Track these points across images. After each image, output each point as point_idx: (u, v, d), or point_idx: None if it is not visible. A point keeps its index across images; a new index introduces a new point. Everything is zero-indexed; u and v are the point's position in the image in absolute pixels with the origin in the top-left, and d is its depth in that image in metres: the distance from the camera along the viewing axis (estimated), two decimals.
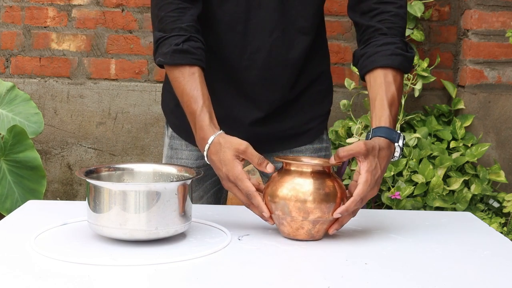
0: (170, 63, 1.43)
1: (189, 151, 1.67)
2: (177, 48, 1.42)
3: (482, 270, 1.15)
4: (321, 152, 1.69)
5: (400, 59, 1.44)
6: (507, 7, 3.07)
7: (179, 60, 1.42)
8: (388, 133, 1.35)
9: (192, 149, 1.67)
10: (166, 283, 1.06)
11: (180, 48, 1.42)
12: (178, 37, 1.43)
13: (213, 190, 1.72)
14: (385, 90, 1.41)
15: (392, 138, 1.35)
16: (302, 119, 1.66)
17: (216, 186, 1.72)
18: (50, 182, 3.26)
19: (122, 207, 1.20)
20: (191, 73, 1.42)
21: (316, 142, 1.69)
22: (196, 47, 1.44)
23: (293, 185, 1.26)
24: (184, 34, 1.44)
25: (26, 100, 2.87)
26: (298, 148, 1.67)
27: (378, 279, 1.09)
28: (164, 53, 1.44)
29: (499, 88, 3.12)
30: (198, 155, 1.67)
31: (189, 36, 1.44)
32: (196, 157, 1.67)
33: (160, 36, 1.46)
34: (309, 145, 1.68)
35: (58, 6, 3.22)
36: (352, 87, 3.03)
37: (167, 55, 1.43)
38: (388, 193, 2.89)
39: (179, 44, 1.42)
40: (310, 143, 1.68)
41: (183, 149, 1.68)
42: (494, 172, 2.98)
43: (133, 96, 3.24)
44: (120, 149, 3.27)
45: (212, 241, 1.26)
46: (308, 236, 1.28)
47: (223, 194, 1.77)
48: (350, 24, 3.22)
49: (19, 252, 1.18)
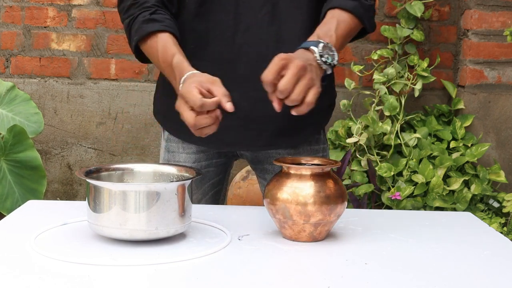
0: (143, 34, 1.46)
1: (186, 154, 1.66)
2: (145, 19, 1.46)
3: (482, 270, 1.15)
4: (318, 153, 1.68)
5: (353, 3, 1.45)
6: (507, 7, 3.07)
7: (149, 28, 1.46)
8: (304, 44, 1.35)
9: (189, 151, 1.66)
10: (166, 283, 1.06)
11: (148, 18, 1.46)
12: (144, 13, 1.48)
13: (211, 192, 1.71)
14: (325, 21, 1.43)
15: (306, 45, 1.35)
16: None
17: (215, 188, 1.71)
18: (50, 182, 3.26)
19: (122, 207, 1.20)
20: (163, 38, 1.44)
21: (313, 143, 1.68)
22: (163, 18, 1.47)
23: (293, 188, 1.26)
24: (149, 9, 1.48)
25: (26, 100, 2.87)
26: (294, 150, 1.65)
27: (378, 279, 1.09)
28: (136, 30, 1.48)
29: (499, 88, 3.12)
30: (196, 157, 1.66)
31: (155, 10, 1.48)
32: (193, 159, 1.66)
33: (128, 21, 1.50)
34: (307, 146, 1.66)
35: (58, 6, 3.22)
36: (352, 87, 3.03)
37: (138, 30, 1.47)
38: (388, 193, 2.89)
39: (145, 16, 1.47)
40: (308, 142, 1.66)
41: (180, 151, 1.67)
42: (494, 172, 2.98)
43: (133, 96, 3.24)
44: (120, 149, 3.27)
45: (212, 241, 1.26)
46: (310, 239, 1.28)
47: (221, 196, 1.76)
48: None
49: (19, 252, 1.17)
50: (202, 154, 1.66)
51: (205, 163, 1.66)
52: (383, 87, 3.01)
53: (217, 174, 1.70)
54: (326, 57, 1.34)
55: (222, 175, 1.72)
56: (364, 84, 3.25)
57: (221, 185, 1.74)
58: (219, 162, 1.69)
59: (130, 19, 1.50)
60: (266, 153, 1.65)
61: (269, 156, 1.65)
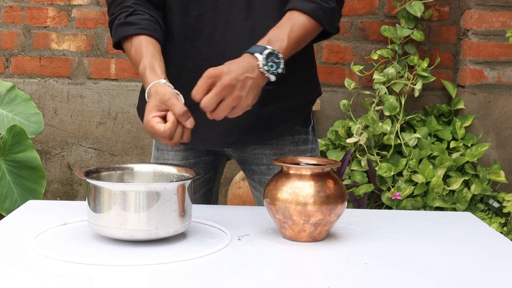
0: (118, 37, 1.48)
1: (175, 152, 1.66)
2: (120, 22, 1.48)
3: (482, 270, 1.15)
4: (306, 154, 1.65)
5: (312, 6, 1.43)
6: (507, 7, 3.07)
7: (123, 33, 1.47)
8: (250, 49, 1.35)
9: (177, 149, 1.66)
10: (166, 283, 1.06)
11: (123, 22, 1.47)
12: (121, 15, 1.49)
13: (202, 190, 1.71)
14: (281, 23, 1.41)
15: (251, 51, 1.34)
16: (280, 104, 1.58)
17: (205, 187, 1.71)
18: (50, 182, 3.26)
19: (122, 207, 1.20)
20: (136, 42, 1.45)
21: (300, 143, 1.65)
22: (141, 19, 1.48)
23: (293, 188, 1.26)
24: (127, 10, 1.49)
25: (26, 100, 2.87)
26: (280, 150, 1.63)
27: (378, 279, 1.09)
28: (113, 33, 1.50)
29: (499, 88, 3.12)
30: (184, 155, 1.66)
31: (132, 11, 1.49)
32: (181, 157, 1.66)
33: (109, 20, 1.53)
34: (293, 147, 1.64)
35: (58, 6, 3.22)
36: (352, 87, 3.03)
37: (114, 34, 1.49)
38: (388, 194, 2.89)
39: (121, 19, 1.48)
40: (295, 143, 1.64)
41: (168, 149, 1.67)
42: (494, 172, 2.98)
43: (133, 96, 3.24)
44: (120, 149, 3.27)
45: (212, 241, 1.26)
46: (310, 239, 1.28)
47: (212, 194, 1.76)
48: (350, 24, 3.23)
49: (19, 252, 1.17)
50: (190, 152, 1.66)
51: (194, 161, 1.67)
52: (383, 87, 3.01)
53: (207, 172, 1.70)
54: (270, 65, 1.35)
55: (212, 173, 1.72)
56: (364, 84, 3.25)
57: (212, 183, 1.74)
58: (207, 160, 1.69)
59: (111, 18, 1.53)
60: (252, 154, 1.64)
61: (255, 157, 1.64)
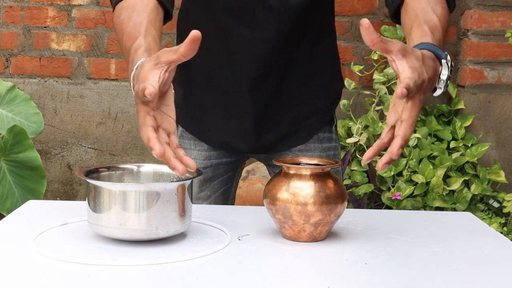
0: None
1: (198, 151, 1.67)
2: None
3: (482, 270, 1.15)
4: (329, 152, 1.67)
5: None
6: (507, 7, 3.07)
7: None
8: (432, 48, 1.11)
9: (201, 149, 1.66)
10: (166, 283, 1.06)
11: None
12: None
13: (221, 190, 1.71)
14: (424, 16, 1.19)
15: (437, 53, 1.11)
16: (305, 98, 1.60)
17: (224, 186, 1.71)
18: (50, 182, 3.26)
19: (122, 207, 1.20)
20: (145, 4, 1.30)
21: (325, 141, 1.67)
22: None
23: (293, 188, 1.26)
24: None
25: (26, 100, 2.88)
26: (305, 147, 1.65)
27: (378, 279, 1.09)
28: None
29: (499, 88, 3.12)
30: (206, 155, 1.66)
31: None
32: (204, 157, 1.66)
33: None
34: (318, 144, 1.67)
35: (58, 6, 3.22)
36: (352, 87, 3.03)
37: None
38: (388, 194, 2.89)
39: None
40: (320, 141, 1.66)
41: (191, 148, 1.67)
42: (494, 172, 2.98)
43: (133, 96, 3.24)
44: (120, 149, 3.27)
45: (212, 241, 1.26)
46: (310, 239, 1.28)
47: (230, 194, 1.76)
48: (350, 24, 3.22)
49: (19, 252, 1.17)
50: (213, 152, 1.66)
51: (216, 161, 1.67)
52: (383, 87, 3.01)
53: (227, 172, 1.70)
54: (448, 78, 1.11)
55: (231, 172, 1.73)
56: (364, 84, 3.25)
57: (231, 183, 1.74)
58: (229, 161, 1.69)
59: None
60: (278, 154, 1.66)
61: (281, 155, 1.65)
